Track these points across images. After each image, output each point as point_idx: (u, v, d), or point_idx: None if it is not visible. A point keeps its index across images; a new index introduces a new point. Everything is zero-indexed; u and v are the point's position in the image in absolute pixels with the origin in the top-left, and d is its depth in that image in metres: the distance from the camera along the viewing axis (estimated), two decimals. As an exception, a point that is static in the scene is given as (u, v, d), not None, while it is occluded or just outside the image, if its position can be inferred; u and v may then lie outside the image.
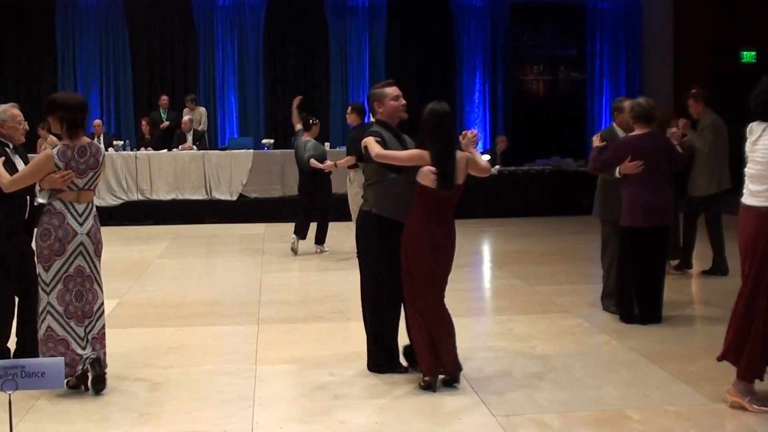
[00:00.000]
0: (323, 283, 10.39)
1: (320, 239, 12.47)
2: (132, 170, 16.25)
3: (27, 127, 6.57)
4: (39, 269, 6.03)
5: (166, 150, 17.16)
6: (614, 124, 8.60)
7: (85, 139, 6.16)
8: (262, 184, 16.87)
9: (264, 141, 17.96)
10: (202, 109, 18.91)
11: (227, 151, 17.15)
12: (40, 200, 6.38)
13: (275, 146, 17.66)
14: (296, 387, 6.22)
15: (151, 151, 16.88)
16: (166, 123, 18.32)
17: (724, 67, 20.08)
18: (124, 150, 16.98)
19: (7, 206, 6.30)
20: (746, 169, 5.69)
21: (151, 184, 16.46)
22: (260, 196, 16.82)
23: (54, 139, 17.32)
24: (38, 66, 20.02)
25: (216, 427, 5.42)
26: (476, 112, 21.24)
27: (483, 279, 11.32)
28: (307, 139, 12.42)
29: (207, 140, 18.16)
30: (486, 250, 13.69)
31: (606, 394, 5.97)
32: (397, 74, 20.80)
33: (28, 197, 6.52)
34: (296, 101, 13.20)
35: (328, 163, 12.03)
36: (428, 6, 21.00)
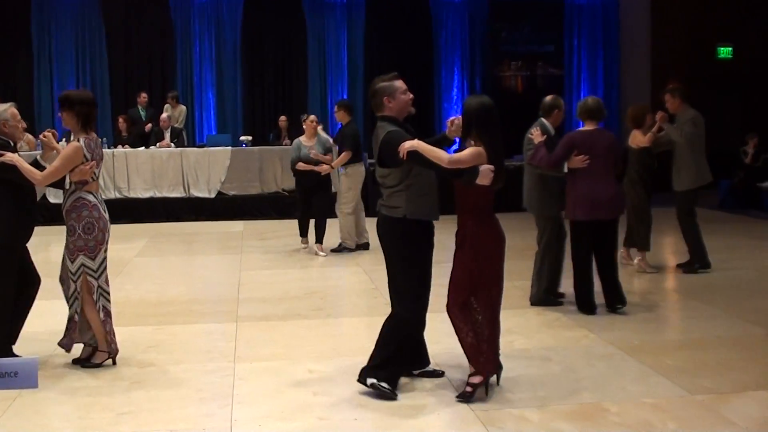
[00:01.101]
0: (302, 280, 10.37)
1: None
2: (109, 168, 16.13)
3: (25, 125, 6.71)
4: (82, 260, 6.49)
5: (143, 148, 17.08)
6: (545, 120, 8.54)
7: (93, 134, 6.60)
8: (241, 182, 16.83)
9: (242, 138, 17.93)
10: (183, 107, 18.85)
11: (205, 149, 17.09)
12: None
13: (253, 143, 17.63)
14: (275, 384, 6.20)
15: (128, 149, 16.81)
16: (149, 125, 18.17)
17: (701, 62, 20.20)
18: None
19: (19, 199, 6.48)
20: None
21: (128, 182, 16.39)
22: (238, 194, 16.78)
23: (30, 137, 17.24)
24: (14, 63, 19.92)
25: (195, 425, 5.41)
26: (455, 108, 21.25)
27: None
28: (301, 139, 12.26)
29: (185, 138, 18.09)
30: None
31: (584, 387, 5.99)
32: (375, 71, 20.69)
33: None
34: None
35: (324, 166, 11.96)
36: (406, 2, 21.02)
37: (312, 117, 12.53)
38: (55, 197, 16.10)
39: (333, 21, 20.90)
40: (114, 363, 6.69)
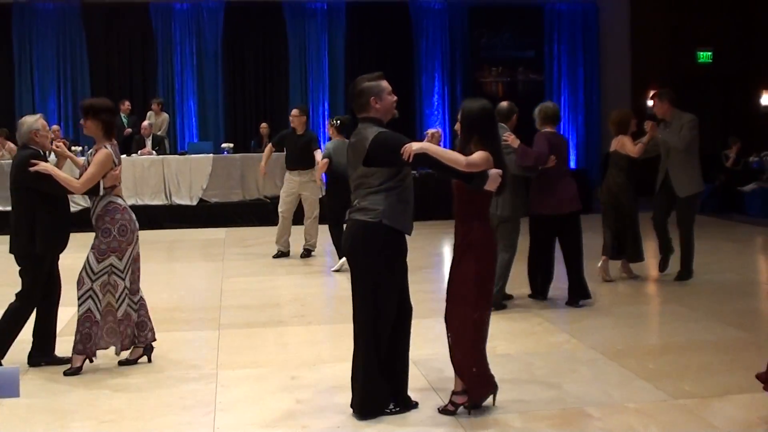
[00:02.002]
0: (284, 287, 10.37)
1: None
2: (90, 176, 16.03)
3: (53, 136, 6.88)
4: (112, 260, 6.64)
5: (125, 155, 17.01)
6: (505, 125, 8.81)
7: (113, 140, 6.87)
8: (222, 189, 16.81)
9: (224, 145, 17.91)
10: (165, 115, 18.83)
11: (187, 156, 17.06)
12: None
13: (235, 150, 17.63)
14: (258, 392, 6.20)
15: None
16: (129, 130, 18.15)
17: (681, 67, 20.30)
18: (83, 156, 16.82)
19: (55, 208, 6.72)
20: None
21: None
22: (220, 201, 16.76)
23: (12, 145, 17.18)
24: (-6, 71, 19.84)
25: (177, 433, 5.40)
26: (435, 114, 21.27)
27: (443, 280, 11.28)
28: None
29: (167, 146, 18.05)
30: (447, 252, 13.71)
31: (566, 392, 6.01)
32: (356, 76, 20.74)
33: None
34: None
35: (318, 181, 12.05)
36: (387, 8, 21.00)
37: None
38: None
39: (314, 27, 20.86)
40: (149, 360, 7.00)
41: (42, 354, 6.87)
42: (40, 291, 6.76)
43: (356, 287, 5.53)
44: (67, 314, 7.43)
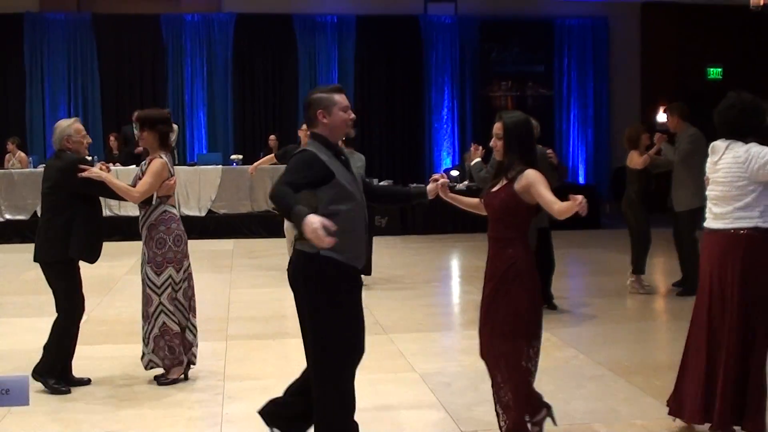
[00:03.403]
0: (291, 299, 10.32)
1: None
2: (100, 186, 16.08)
3: (90, 140, 6.80)
4: (170, 272, 6.65)
5: (134, 166, 17.05)
6: None
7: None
8: (231, 200, 16.84)
9: (233, 157, 17.94)
10: (175, 127, 18.79)
11: (196, 167, 17.10)
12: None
13: (244, 162, 17.62)
14: (264, 402, 6.19)
15: (119, 167, 16.78)
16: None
17: (691, 83, 20.30)
18: (93, 165, 16.83)
19: (93, 214, 6.65)
20: (708, 192, 5.43)
21: (119, 200, 16.31)
22: (229, 212, 16.79)
23: (23, 155, 17.26)
24: (5, 81, 19.91)
25: (184, 444, 5.40)
26: (444, 128, 21.28)
27: (452, 294, 11.34)
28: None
29: (176, 157, 18.07)
30: (455, 265, 13.72)
31: (574, 408, 5.99)
32: (365, 90, 20.87)
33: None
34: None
35: None
36: (397, 22, 21.04)
37: None
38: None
39: (324, 40, 20.92)
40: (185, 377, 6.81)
41: (50, 372, 6.49)
42: (79, 296, 6.64)
43: (301, 326, 4.97)
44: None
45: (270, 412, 5.11)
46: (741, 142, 5.29)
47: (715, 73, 20.93)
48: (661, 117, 19.51)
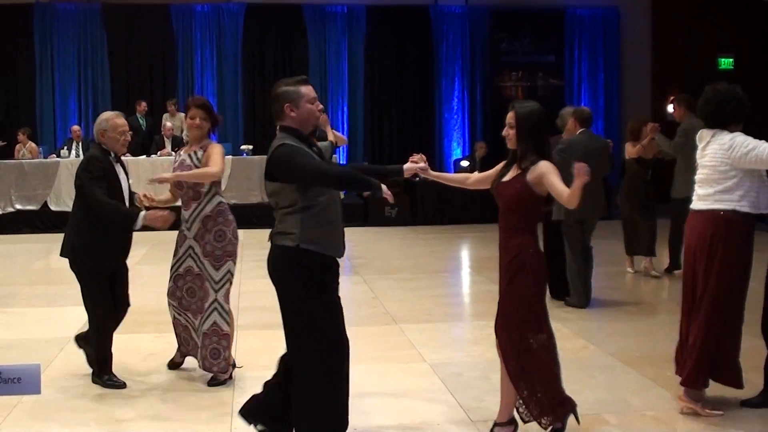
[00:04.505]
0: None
1: None
2: (110, 176, 16.10)
3: (129, 138, 6.41)
4: (229, 266, 6.50)
5: (144, 156, 17.08)
6: None
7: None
8: (241, 190, 16.84)
9: (243, 147, 17.94)
10: (182, 115, 18.82)
11: (206, 157, 17.06)
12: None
13: (254, 152, 17.63)
14: (275, 393, 6.20)
15: (129, 157, 16.78)
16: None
17: (702, 73, 20.11)
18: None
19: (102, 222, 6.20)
20: (696, 176, 5.84)
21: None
22: (239, 202, 16.75)
23: (33, 145, 17.30)
24: (16, 72, 19.96)
25: (194, 433, 5.41)
26: (455, 118, 21.26)
27: (461, 285, 11.33)
28: None
29: (186, 146, 18.05)
30: (465, 256, 13.71)
31: (584, 399, 5.96)
32: (376, 80, 20.87)
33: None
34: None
35: None
36: (407, 12, 21.02)
37: None
38: (56, 205, 16.12)
39: (334, 30, 20.91)
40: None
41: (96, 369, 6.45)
42: (106, 294, 6.38)
43: (283, 320, 4.89)
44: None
45: (250, 409, 5.03)
46: (726, 131, 5.74)
47: (726, 63, 20.81)
48: (672, 107, 19.50)
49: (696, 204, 5.79)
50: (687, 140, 10.09)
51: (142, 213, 6.01)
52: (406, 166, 5.31)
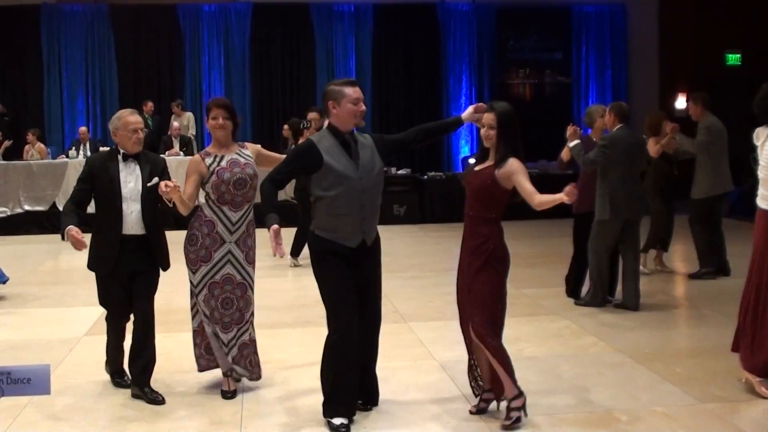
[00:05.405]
0: (311, 287, 10.31)
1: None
2: (118, 176, 16.13)
3: (141, 136, 6.23)
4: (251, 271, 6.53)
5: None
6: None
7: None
8: (249, 190, 16.81)
9: (250, 146, 17.91)
10: (189, 114, 18.86)
11: (214, 157, 17.06)
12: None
13: (261, 151, 17.58)
14: (285, 392, 6.21)
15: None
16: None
17: (709, 69, 20.15)
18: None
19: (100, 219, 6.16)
20: (758, 173, 5.89)
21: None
22: (247, 202, 16.77)
23: (42, 146, 17.32)
24: (24, 73, 20.00)
25: (204, 432, 5.41)
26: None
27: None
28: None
29: (194, 147, 18.09)
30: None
31: (594, 395, 5.97)
32: (383, 79, 20.85)
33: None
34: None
35: None
36: (414, 10, 21.00)
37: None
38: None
39: (341, 29, 20.91)
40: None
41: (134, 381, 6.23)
42: (112, 297, 6.28)
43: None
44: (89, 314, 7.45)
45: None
46: None
47: (733, 59, 20.75)
48: (680, 104, 19.44)
49: (760, 203, 5.89)
50: (712, 138, 10.10)
51: (69, 228, 5.73)
52: (465, 114, 5.90)
